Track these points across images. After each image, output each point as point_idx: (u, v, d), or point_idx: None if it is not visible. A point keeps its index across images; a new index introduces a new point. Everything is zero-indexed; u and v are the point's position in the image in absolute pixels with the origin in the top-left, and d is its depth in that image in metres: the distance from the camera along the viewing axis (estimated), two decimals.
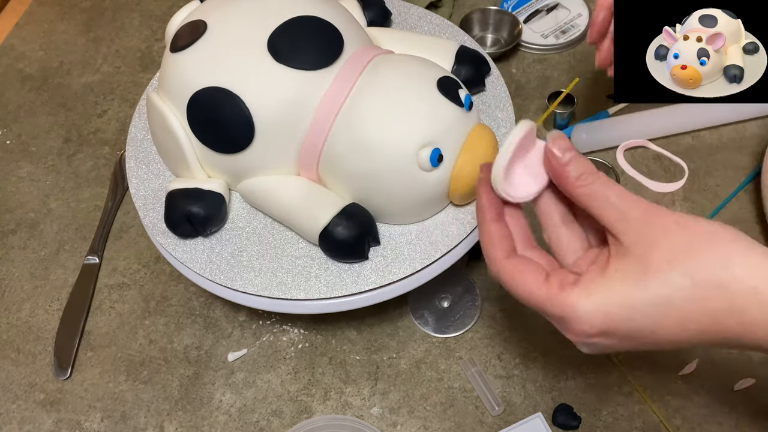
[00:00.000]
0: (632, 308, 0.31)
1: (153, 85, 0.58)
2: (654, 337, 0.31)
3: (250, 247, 0.49)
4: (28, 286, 0.61)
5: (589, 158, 0.61)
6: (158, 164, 0.54)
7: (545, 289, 0.33)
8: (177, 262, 0.50)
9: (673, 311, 0.30)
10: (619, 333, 0.32)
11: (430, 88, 0.46)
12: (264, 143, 0.47)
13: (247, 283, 0.48)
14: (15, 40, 0.81)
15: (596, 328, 0.31)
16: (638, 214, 0.32)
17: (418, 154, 0.45)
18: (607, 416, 0.51)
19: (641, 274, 0.31)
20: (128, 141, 0.55)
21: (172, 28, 0.52)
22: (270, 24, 0.47)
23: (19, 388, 0.55)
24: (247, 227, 0.51)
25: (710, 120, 0.65)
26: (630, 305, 0.31)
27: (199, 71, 0.47)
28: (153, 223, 0.51)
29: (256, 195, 0.50)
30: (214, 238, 0.50)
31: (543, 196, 0.36)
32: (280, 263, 0.49)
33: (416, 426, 0.51)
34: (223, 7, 0.49)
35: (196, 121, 0.48)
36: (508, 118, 0.54)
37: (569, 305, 0.32)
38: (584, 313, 0.31)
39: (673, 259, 0.30)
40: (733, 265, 0.30)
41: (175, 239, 0.50)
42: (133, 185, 0.53)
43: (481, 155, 0.46)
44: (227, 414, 0.53)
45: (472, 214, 0.49)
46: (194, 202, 0.48)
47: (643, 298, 0.31)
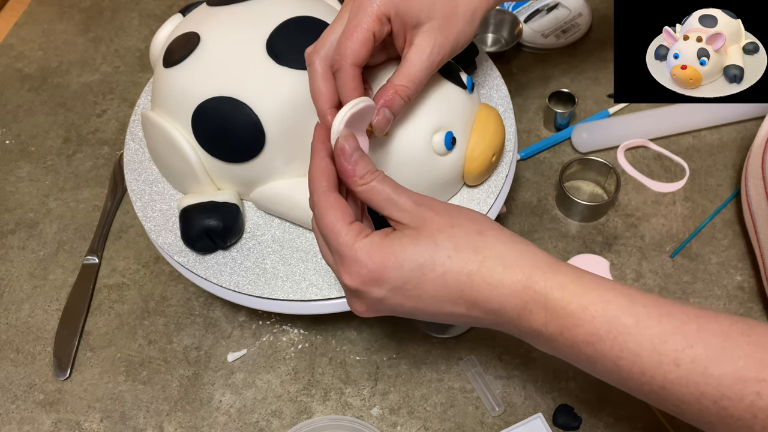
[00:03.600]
0: (404, 259, 0.35)
1: (147, 91, 0.57)
2: (420, 292, 0.36)
3: (273, 255, 0.49)
4: (28, 287, 0.61)
5: (589, 158, 0.61)
6: (162, 184, 0.53)
7: (346, 230, 0.36)
8: (176, 263, 0.49)
9: (437, 267, 0.35)
10: (390, 282, 0.36)
11: (435, 74, 0.46)
12: (275, 147, 0.47)
13: (276, 289, 0.47)
14: (14, 40, 0.81)
15: (369, 272, 0.36)
16: (411, 205, 0.37)
17: (432, 139, 0.45)
18: (607, 417, 0.51)
19: (415, 237, 0.36)
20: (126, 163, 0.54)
21: (157, 45, 0.51)
22: (265, 28, 0.46)
23: (18, 388, 0.55)
24: (265, 235, 0.50)
25: (711, 120, 0.65)
26: (402, 257, 0.35)
27: (201, 83, 0.46)
28: (168, 244, 0.50)
29: (271, 200, 0.49)
30: (235, 249, 0.49)
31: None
32: (306, 266, 0.48)
33: (416, 426, 0.51)
34: (213, 16, 0.48)
35: (202, 134, 0.47)
36: (508, 118, 0.54)
37: (353, 247, 0.36)
38: (362, 255, 0.36)
39: (442, 229, 0.36)
40: (486, 235, 0.36)
41: (195, 256, 0.49)
42: (138, 208, 0.51)
43: (491, 133, 0.47)
44: (227, 414, 0.53)
45: (486, 192, 0.50)
46: (211, 215, 0.47)
47: (414, 251, 0.35)
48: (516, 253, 0.36)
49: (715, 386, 0.32)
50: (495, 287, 0.35)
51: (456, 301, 0.36)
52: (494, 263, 0.35)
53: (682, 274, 0.57)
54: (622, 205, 0.61)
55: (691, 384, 0.32)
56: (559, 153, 0.65)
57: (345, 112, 0.38)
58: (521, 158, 0.65)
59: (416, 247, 0.36)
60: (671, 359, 0.32)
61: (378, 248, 0.36)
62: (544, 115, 0.67)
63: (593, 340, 0.34)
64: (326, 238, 0.38)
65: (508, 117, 0.54)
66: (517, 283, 0.35)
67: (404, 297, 0.36)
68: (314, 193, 0.38)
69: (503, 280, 0.35)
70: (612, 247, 0.59)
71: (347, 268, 0.36)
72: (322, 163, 0.39)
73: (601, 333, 0.34)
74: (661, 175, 0.63)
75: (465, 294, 0.35)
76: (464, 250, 0.35)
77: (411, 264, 0.35)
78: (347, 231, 0.36)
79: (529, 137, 0.66)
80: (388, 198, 0.37)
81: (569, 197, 0.59)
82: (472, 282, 0.35)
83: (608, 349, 0.34)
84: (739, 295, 0.56)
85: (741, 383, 0.31)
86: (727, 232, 0.59)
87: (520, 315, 0.35)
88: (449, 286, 0.35)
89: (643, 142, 0.65)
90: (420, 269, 0.35)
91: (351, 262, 0.36)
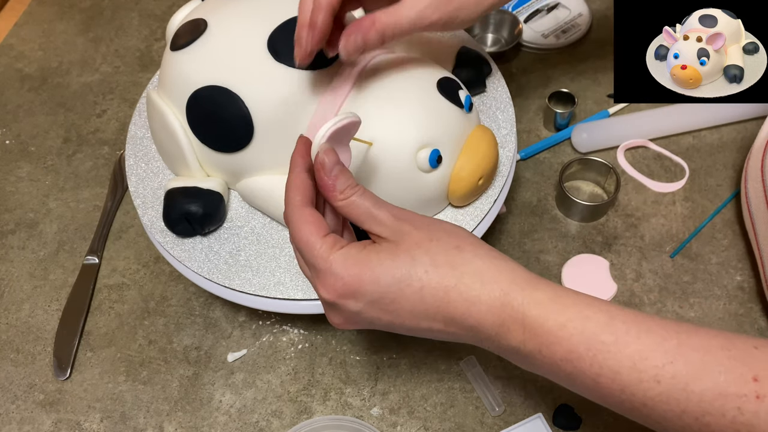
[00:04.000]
0: (381, 273, 0.35)
1: (153, 83, 0.58)
2: (396, 306, 0.35)
3: (249, 247, 0.49)
4: (28, 287, 0.61)
5: (589, 158, 0.61)
6: (157, 162, 0.54)
7: (320, 243, 0.36)
8: (175, 260, 0.50)
9: (414, 282, 0.35)
10: (366, 295, 0.35)
11: (430, 88, 0.46)
12: (263, 142, 0.47)
13: (245, 282, 0.48)
14: (14, 40, 0.81)
15: (346, 286, 0.35)
16: (390, 219, 0.37)
17: (417, 155, 0.45)
18: (607, 417, 0.51)
19: (393, 252, 0.36)
20: (128, 139, 0.55)
21: (172, 27, 0.52)
22: (270, 23, 0.47)
23: (18, 388, 0.55)
24: (245, 226, 0.51)
25: (711, 120, 0.65)
26: (379, 270, 0.35)
27: (199, 70, 0.47)
28: (152, 222, 0.51)
29: (255, 194, 0.50)
30: (213, 237, 0.50)
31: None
32: (278, 263, 0.49)
33: (416, 426, 0.51)
34: (224, 6, 0.49)
35: (195, 120, 0.48)
36: (508, 118, 0.54)
37: (328, 260, 0.36)
38: (337, 267, 0.35)
39: (420, 244, 0.36)
40: (464, 251, 0.36)
41: (174, 238, 0.50)
42: (132, 183, 0.53)
43: (480, 156, 0.46)
44: (227, 414, 0.53)
45: (471, 215, 0.49)
46: (193, 200, 0.48)
47: (391, 266, 0.35)
48: (494, 269, 0.35)
49: (696, 402, 0.32)
50: (472, 303, 0.35)
51: (433, 316, 0.36)
52: (472, 279, 0.35)
53: (682, 274, 0.57)
54: (622, 205, 0.61)
55: (672, 401, 0.32)
56: (559, 153, 0.65)
57: (328, 127, 0.37)
58: (521, 158, 0.65)
59: (394, 262, 0.35)
60: (651, 376, 0.32)
61: (354, 261, 0.36)
62: (544, 115, 0.67)
63: (572, 358, 0.34)
64: (301, 252, 0.37)
65: (509, 118, 0.54)
66: (495, 300, 0.35)
67: (381, 311, 0.36)
68: (288, 207, 0.38)
69: (480, 296, 0.35)
70: (612, 247, 0.59)
71: (322, 280, 0.36)
72: (298, 179, 0.38)
73: (580, 351, 0.33)
74: (661, 175, 0.63)
75: (442, 310, 0.35)
76: (442, 265, 0.35)
77: (388, 278, 0.35)
78: (321, 243, 0.36)
79: (529, 137, 0.66)
80: (368, 212, 0.37)
81: (569, 197, 0.59)
82: (449, 298, 0.35)
83: (587, 366, 0.33)
84: (739, 295, 0.56)
85: (722, 399, 0.31)
86: (727, 232, 0.59)
87: (498, 333, 0.35)
88: (426, 301, 0.35)
89: (643, 142, 0.65)
90: (397, 284, 0.35)
91: (326, 275, 0.36)
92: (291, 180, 0.39)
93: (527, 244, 0.60)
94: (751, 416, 0.31)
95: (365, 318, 0.37)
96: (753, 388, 0.31)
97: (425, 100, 0.45)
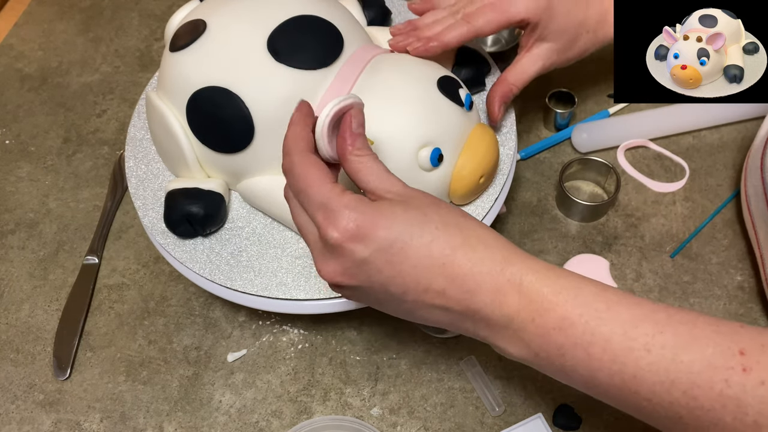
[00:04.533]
0: (394, 220, 0.35)
1: (152, 84, 0.58)
2: (402, 258, 0.35)
3: (250, 248, 0.49)
4: (27, 287, 0.61)
5: (589, 158, 0.61)
6: (158, 164, 0.54)
7: (330, 186, 0.36)
8: (177, 262, 0.50)
9: (425, 234, 0.35)
10: (377, 241, 0.35)
11: (430, 87, 0.46)
12: (264, 143, 0.47)
13: (246, 283, 0.48)
14: (14, 40, 0.81)
15: (359, 227, 0.34)
16: (400, 184, 0.38)
17: (418, 154, 0.45)
18: (607, 417, 0.51)
19: (405, 206, 0.36)
20: (127, 140, 0.55)
21: (171, 28, 0.52)
22: (270, 23, 0.47)
23: (18, 388, 0.55)
24: (246, 227, 0.51)
25: (711, 120, 0.65)
26: (393, 218, 0.35)
27: (199, 71, 0.47)
28: (152, 223, 0.51)
29: (255, 195, 0.50)
30: (214, 238, 0.50)
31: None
32: (279, 263, 0.49)
33: (416, 426, 0.51)
34: (223, 6, 0.49)
35: (195, 121, 0.48)
36: (508, 118, 0.54)
37: (342, 200, 0.35)
38: (354, 205, 0.35)
39: (428, 205, 0.37)
40: (468, 220, 0.37)
41: (175, 239, 0.50)
42: (132, 185, 0.53)
43: (481, 155, 0.46)
44: (227, 414, 0.53)
45: (472, 214, 0.49)
46: (193, 201, 0.48)
47: (404, 217, 0.35)
48: (495, 239, 0.37)
49: (685, 372, 0.32)
50: (474, 264, 0.35)
51: (436, 274, 0.35)
52: (477, 242, 0.36)
53: (682, 274, 0.57)
54: (622, 205, 0.61)
55: (661, 371, 0.32)
56: (559, 153, 0.65)
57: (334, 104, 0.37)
58: (521, 158, 0.65)
59: (406, 213, 0.36)
60: (641, 344, 0.33)
61: (368, 205, 0.35)
62: (544, 115, 0.67)
63: (564, 326, 0.34)
64: (307, 194, 0.36)
65: (509, 117, 0.54)
66: (496, 263, 0.35)
67: (385, 262, 0.35)
68: (292, 154, 0.37)
69: (484, 258, 0.35)
70: (612, 247, 0.59)
71: (334, 219, 0.35)
72: (303, 131, 0.38)
73: (573, 317, 0.34)
74: (661, 175, 0.63)
75: (447, 267, 0.35)
76: (451, 225, 0.36)
77: (400, 226, 0.35)
78: (332, 185, 0.36)
79: (529, 137, 0.66)
80: (380, 173, 0.38)
81: (569, 197, 0.59)
82: (455, 255, 0.35)
83: (579, 334, 0.34)
84: (739, 295, 0.56)
85: (710, 370, 0.32)
86: (727, 232, 0.59)
87: (492, 300, 0.35)
88: (433, 255, 0.35)
89: (643, 142, 0.65)
90: (409, 233, 0.35)
91: (340, 214, 0.35)
92: (293, 131, 0.38)
93: (527, 244, 0.60)
94: (738, 389, 0.31)
95: (365, 271, 0.36)
96: (740, 360, 0.31)
97: (426, 99, 0.45)
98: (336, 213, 0.35)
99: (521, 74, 0.52)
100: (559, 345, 0.34)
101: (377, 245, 0.35)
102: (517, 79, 0.52)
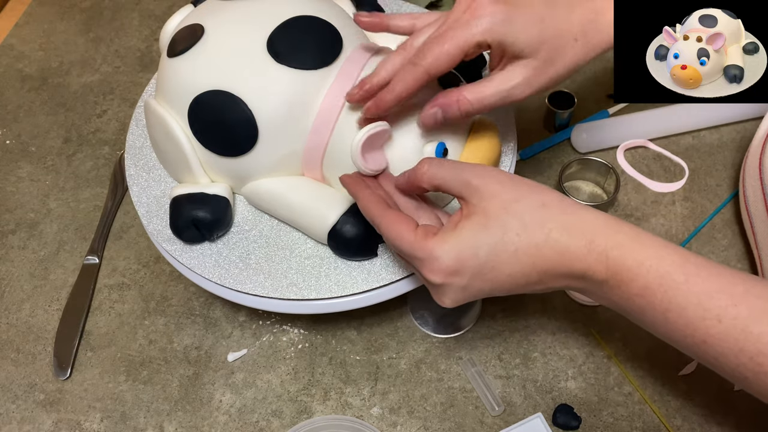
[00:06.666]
0: (477, 247, 0.38)
1: (148, 91, 0.58)
2: (496, 273, 0.38)
3: (258, 250, 0.49)
4: (28, 287, 0.61)
5: (589, 158, 0.62)
6: (159, 171, 0.53)
7: (413, 236, 0.39)
8: (185, 268, 0.49)
9: (509, 246, 0.38)
10: (469, 270, 0.38)
11: (432, 83, 0.46)
12: (268, 145, 0.47)
13: (257, 285, 0.47)
14: (14, 40, 0.81)
15: (449, 267, 0.38)
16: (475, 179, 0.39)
17: (424, 149, 0.45)
18: (607, 416, 0.51)
19: (483, 222, 0.38)
20: (127, 149, 0.55)
21: (166, 34, 0.52)
22: (268, 25, 0.46)
23: (18, 388, 0.55)
24: (253, 230, 0.50)
25: (710, 120, 0.65)
26: (475, 245, 0.38)
27: (200, 75, 0.46)
28: (158, 230, 0.50)
29: (261, 197, 0.49)
30: (221, 242, 0.50)
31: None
32: (289, 264, 0.48)
33: (416, 426, 0.51)
34: (220, 10, 0.48)
35: (198, 126, 0.47)
36: (508, 118, 0.54)
37: (428, 249, 0.38)
38: (441, 253, 0.38)
39: (507, 207, 0.38)
40: (550, 208, 0.38)
41: (182, 245, 0.49)
42: (134, 193, 0.52)
43: (484, 147, 0.47)
44: (227, 414, 0.53)
45: None
46: (200, 206, 0.48)
47: (486, 237, 0.38)
48: (579, 221, 0.38)
49: (753, 342, 0.34)
50: (561, 254, 0.38)
51: (529, 273, 0.38)
52: (560, 233, 0.38)
53: None
54: (622, 205, 0.61)
55: (730, 339, 0.35)
56: (559, 153, 0.65)
57: (364, 133, 0.41)
58: (521, 158, 0.65)
59: (487, 232, 0.38)
60: (714, 315, 0.35)
61: (451, 242, 0.38)
62: (544, 115, 0.67)
63: (645, 293, 0.37)
64: (400, 249, 0.40)
65: (508, 117, 0.54)
66: (581, 248, 0.37)
67: (483, 281, 0.38)
68: (374, 218, 0.41)
69: (569, 246, 0.37)
70: None
71: (428, 267, 0.39)
72: (372, 195, 0.42)
73: (653, 287, 0.36)
74: (661, 175, 0.63)
75: (537, 265, 0.38)
76: (531, 225, 0.38)
77: (485, 249, 0.38)
78: (415, 236, 0.39)
79: (529, 137, 0.66)
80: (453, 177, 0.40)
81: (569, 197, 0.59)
82: (541, 253, 0.38)
83: (658, 301, 0.36)
84: None
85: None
86: (727, 232, 0.59)
87: (584, 275, 0.38)
88: (521, 261, 0.38)
89: (643, 142, 0.65)
90: (494, 252, 0.38)
91: (429, 262, 0.38)
92: (364, 198, 0.42)
93: None
94: None
95: (471, 291, 0.39)
96: None
97: (429, 95, 0.45)
98: (426, 261, 0.38)
99: (483, 90, 0.43)
100: (640, 306, 0.37)
101: (471, 272, 0.38)
102: (474, 94, 0.43)
